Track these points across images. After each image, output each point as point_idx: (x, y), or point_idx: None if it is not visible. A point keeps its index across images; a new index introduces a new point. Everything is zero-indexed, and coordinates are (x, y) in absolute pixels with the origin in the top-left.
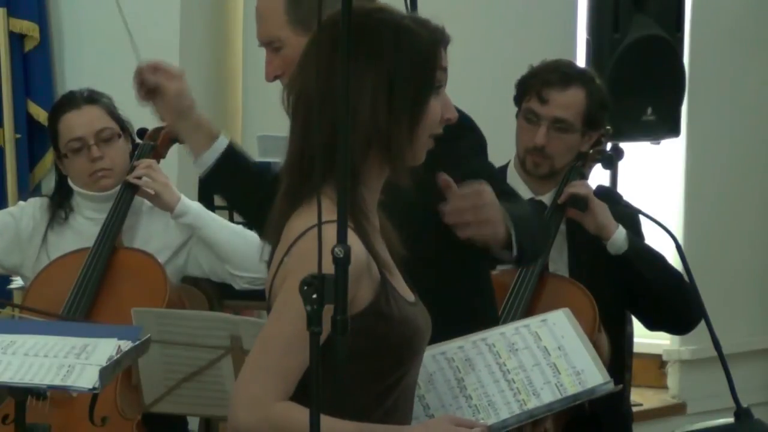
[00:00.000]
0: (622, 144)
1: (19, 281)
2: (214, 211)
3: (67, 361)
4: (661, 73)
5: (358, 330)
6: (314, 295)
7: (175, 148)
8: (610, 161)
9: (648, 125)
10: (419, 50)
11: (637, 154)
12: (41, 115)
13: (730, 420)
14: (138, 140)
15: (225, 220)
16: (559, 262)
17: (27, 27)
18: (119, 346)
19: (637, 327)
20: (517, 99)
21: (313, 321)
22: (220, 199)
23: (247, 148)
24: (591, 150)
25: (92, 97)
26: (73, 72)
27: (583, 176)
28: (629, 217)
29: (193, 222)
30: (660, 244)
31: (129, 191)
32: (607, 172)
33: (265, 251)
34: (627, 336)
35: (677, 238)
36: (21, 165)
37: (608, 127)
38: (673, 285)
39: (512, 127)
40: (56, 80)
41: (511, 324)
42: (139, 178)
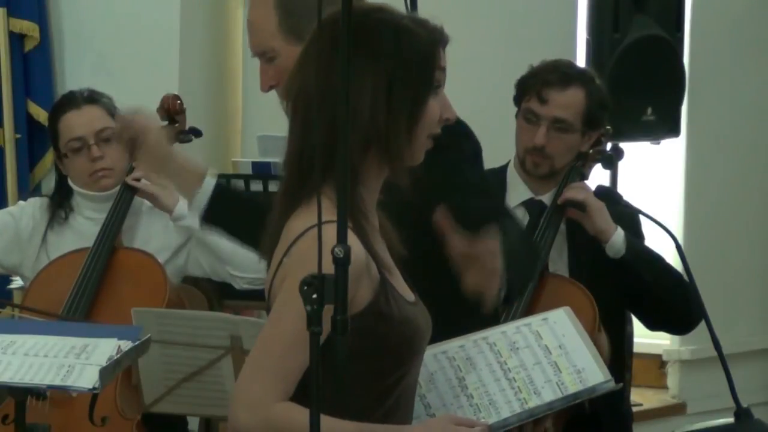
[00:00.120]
0: (622, 144)
1: (19, 281)
2: None
3: (67, 361)
4: (661, 73)
5: (358, 330)
6: (314, 295)
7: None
8: (610, 161)
9: (648, 125)
10: (418, 50)
11: (637, 154)
12: (41, 115)
13: (730, 420)
14: None
15: None
16: (559, 262)
17: (27, 27)
18: (119, 346)
19: (637, 327)
20: (517, 99)
21: (313, 321)
22: None
23: (247, 148)
24: (591, 150)
25: (92, 97)
26: (73, 72)
27: (583, 176)
28: (629, 217)
29: (192, 224)
30: (660, 244)
31: (129, 191)
32: (607, 172)
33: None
34: (627, 336)
35: (677, 238)
36: (21, 165)
37: (608, 127)
38: (672, 286)
39: (512, 127)
40: (56, 80)
41: (512, 323)
42: (138, 179)
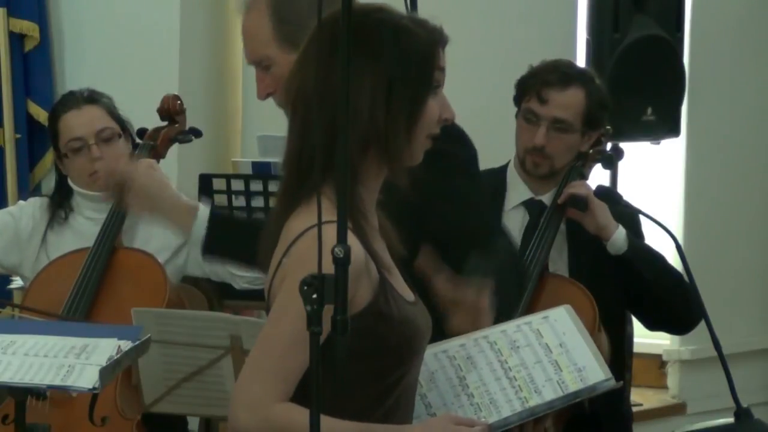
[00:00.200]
0: (622, 144)
1: (19, 281)
2: None
3: (67, 361)
4: (661, 73)
5: (358, 330)
6: (314, 295)
7: (174, 148)
8: (610, 161)
9: (648, 125)
10: (418, 50)
11: (637, 154)
12: (41, 115)
13: (730, 420)
14: (138, 140)
15: None
16: (559, 262)
17: (27, 27)
18: (119, 346)
19: (637, 327)
20: (517, 99)
21: (313, 321)
22: (220, 199)
23: (247, 148)
24: (591, 150)
25: (92, 97)
26: (73, 72)
27: (583, 176)
28: (629, 217)
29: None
30: (660, 244)
31: None
32: (607, 172)
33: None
34: (627, 336)
35: (677, 238)
36: (21, 165)
37: (608, 127)
38: (672, 285)
39: (512, 127)
40: (56, 80)
41: (513, 321)
42: None
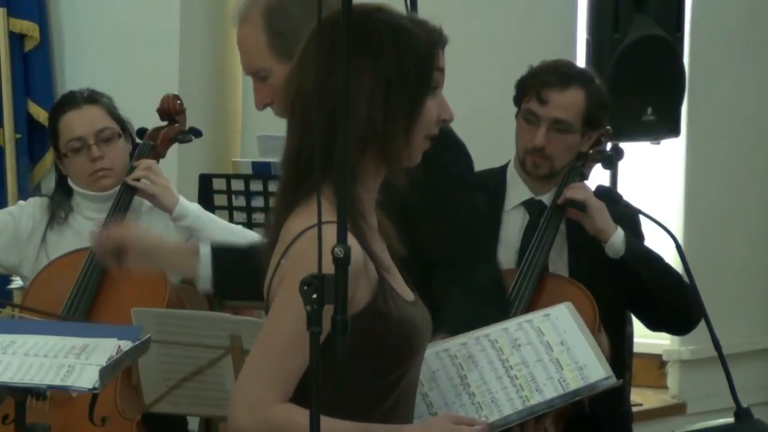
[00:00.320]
0: (622, 144)
1: (19, 281)
2: (213, 211)
3: (67, 361)
4: (661, 73)
5: (357, 330)
6: (314, 295)
7: (174, 148)
8: (610, 161)
9: (648, 125)
10: (417, 50)
11: (637, 154)
12: (41, 115)
13: (730, 420)
14: (138, 140)
15: (224, 222)
16: (559, 262)
17: (27, 27)
18: (119, 346)
19: (637, 327)
20: (517, 99)
21: (313, 321)
22: (220, 199)
23: (247, 148)
24: (591, 150)
25: (92, 97)
26: (73, 72)
27: (583, 176)
28: (629, 217)
29: (192, 225)
30: (660, 244)
31: (128, 192)
32: (607, 172)
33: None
34: (627, 336)
35: (677, 238)
36: (21, 165)
37: (608, 127)
38: (671, 286)
39: (512, 127)
40: (56, 80)
41: (514, 319)
42: (138, 180)
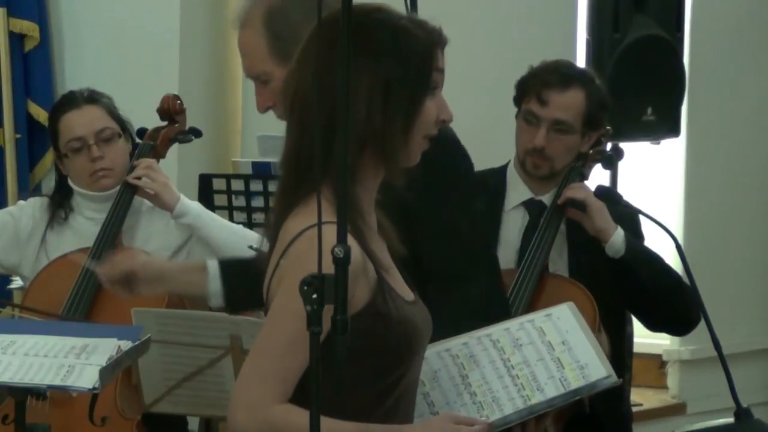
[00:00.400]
0: (622, 144)
1: (19, 281)
2: (214, 210)
3: (67, 361)
4: (661, 73)
5: (357, 330)
6: (314, 295)
7: (174, 148)
8: (610, 161)
9: (648, 125)
10: (416, 51)
11: (637, 154)
12: (41, 115)
13: (730, 420)
14: (138, 140)
15: (225, 220)
16: (559, 262)
17: (27, 27)
18: (119, 346)
19: (637, 327)
20: (517, 100)
21: (313, 321)
22: (220, 199)
23: (247, 148)
24: (591, 150)
25: (92, 97)
26: (73, 72)
27: (583, 176)
28: (629, 217)
29: (193, 222)
30: (660, 244)
31: (129, 191)
32: (607, 172)
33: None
34: (627, 336)
35: (677, 238)
36: (21, 165)
37: (608, 127)
38: (671, 287)
39: (512, 127)
40: (56, 80)
41: (516, 319)
42: (138, 178)
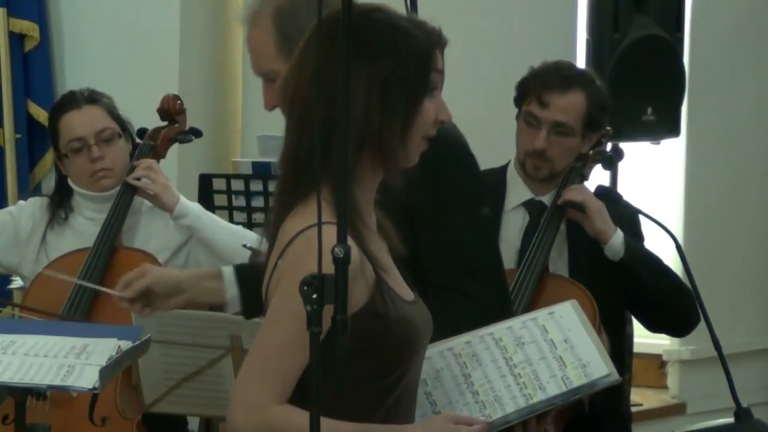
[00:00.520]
0: (622, 144)
1: (19, 281)
2: (213, 210)
3: (67, 361)
4: (661, 73)
5: (356, 331)
6: (314, 295)
7: (174, 148)
8: (610, 162)
9: (648, 125)
10: (415, 51)
11: (637, 154)
12: (41, 115)
13: (730, 420)
14: (138, 140)
15: (224, 221)
16: (559, 262)
17: (27, 27)
18: (119, 346)
19: (637, 327)
20: (517, 101)
21: (313, 321)
22: (220, 199)
23: (247, 148)
24: (591, 151)
25: (92, 97)
26: (73, 72)
27: (583, 177)
28: (629, 218)
29: (193, 224)
30: (660, 244)
31: (129, 191)
32: (607, 172)
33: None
34: (627, 336)
35: (677, 238)
36: (21, 165)
37: (608, 127)
38: (670, 288)
39: (512, 128)
40: (56, 80)
41: (518, 318)
42: (138, 179)
